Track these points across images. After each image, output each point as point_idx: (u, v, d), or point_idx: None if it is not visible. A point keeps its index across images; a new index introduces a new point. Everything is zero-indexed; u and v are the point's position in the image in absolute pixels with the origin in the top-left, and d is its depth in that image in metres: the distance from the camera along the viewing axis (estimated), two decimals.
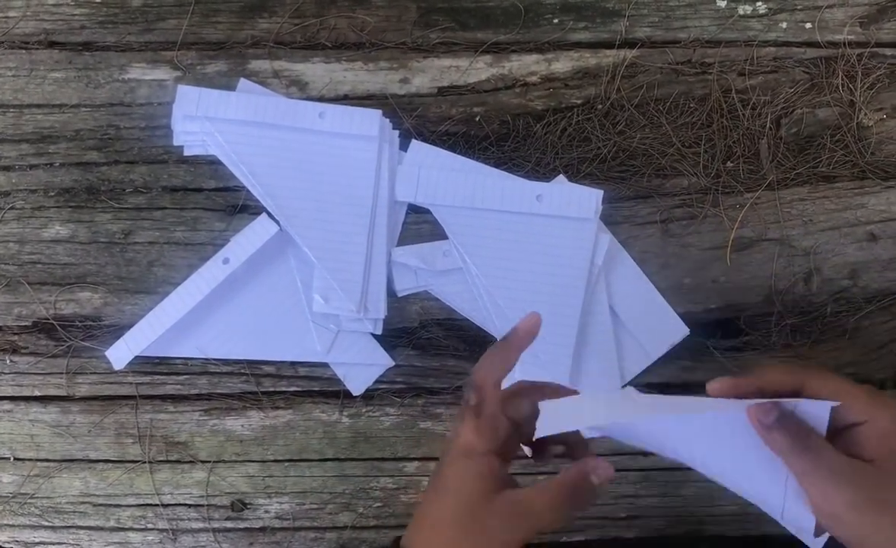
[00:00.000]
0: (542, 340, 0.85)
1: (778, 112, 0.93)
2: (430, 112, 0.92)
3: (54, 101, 0.92)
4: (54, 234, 0.90)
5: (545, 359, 0.86)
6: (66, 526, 0.90)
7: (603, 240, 0.89)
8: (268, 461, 0.90)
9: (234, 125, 0.88)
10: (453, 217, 0.90)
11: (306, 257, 0.88)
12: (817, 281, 0.91)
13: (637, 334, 0.89)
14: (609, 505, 0.90)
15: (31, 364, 0.89)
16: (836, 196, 0.92)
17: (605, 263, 0.89)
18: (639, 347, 0.89)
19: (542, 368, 0.86)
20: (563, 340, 0.87)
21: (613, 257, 0.90)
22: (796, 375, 0.59)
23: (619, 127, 0.92)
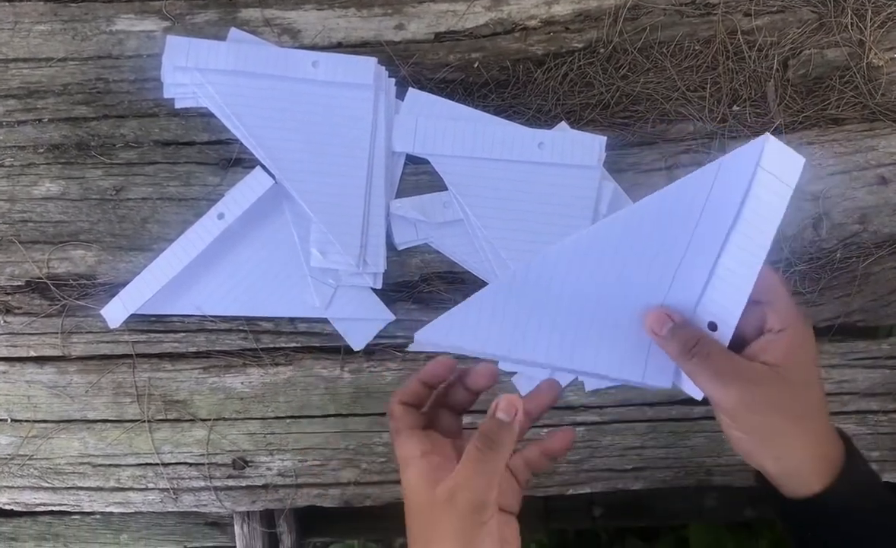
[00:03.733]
0: None
1: (785, 53, 0.90)
2: (426, 59, 0.90)
3: (40, 54, 0.89)
4: (45, 191, 0.88)
5: None
6: (66, 487, 0.89)
7: (607, 188, 0.87)
8: (269, 418, 0.89)
9: (226, 76, 0.86)
10: (453, 167, 0.88)
11: (303, 211, 0.86)
12: (826, 226, 0.89)
13: None
14: (615, 457, 0.89)
15: (26, 324, 0.88)
16: (846, 139, 0.90)
17: (610, 211, 0.87)
18: None
19: None
20: None
21: (618, 206, 0.88)
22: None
23: (622, 71, 0.90)
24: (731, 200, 0.58)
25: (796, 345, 0.59)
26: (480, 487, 0.56)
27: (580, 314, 0.60)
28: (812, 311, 0.89)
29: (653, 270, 0.60)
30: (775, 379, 0.58)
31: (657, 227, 0.59)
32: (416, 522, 0.60)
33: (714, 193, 0.58)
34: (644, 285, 0.60)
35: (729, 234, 0.59)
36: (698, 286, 0.60)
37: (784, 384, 0.58)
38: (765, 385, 0.58)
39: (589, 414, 0.89)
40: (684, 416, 0.89)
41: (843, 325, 0.89)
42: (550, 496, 0.91)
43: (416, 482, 0.59)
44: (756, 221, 0.58)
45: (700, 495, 1.16)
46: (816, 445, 0.60)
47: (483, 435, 0.57)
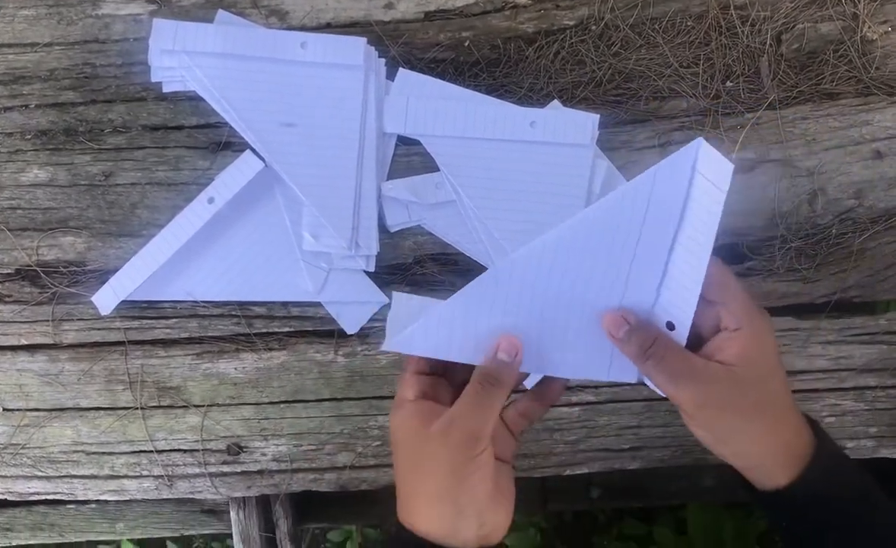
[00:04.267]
0: None
1: (778, 28, 0.90)
2: (416, 38, 0.89)
3: (25, 39, 0.88)
4: (33, 178, 0.87)
5: None
6: (59, 476, 0.89)
7: (600, 166, 0.87)
8: (263, 404, 0.89)
9: (214, 59, 0.85)
10: (444, 148, 0.87)
11: (294, 194, 0.85)
12: (822, 202, 0.89)
13: None
14: (612, 437, 0.89)
15: (16, 312, 0.87)
16: (840, 113, 0.89)
17: (603, 190, 0.87)
18: None
19: None
20: None
21: (611, 184, 0.87)
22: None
23: (615, 49, 0.89)
24: (673, 202, 0.59)
25: (751, 343, 0.59)
26: (478, 419, 0.58)
27: (542, 320, 0.61)
28: (808, 287, 0.88)
29: (607, 274, 0.61)
30: (730, 377, 0.58)
31: (605, 232, 0.59)
32: (405, 454, 0.61)
33: (655, 197, 0.59)
34: (601, 288, 0.61)
35: (676, 235, 0.59)
36: (653, 286, 0.61)
37: (738, 382, 0.58)
38: (719, 384, 0.58)
39: (585, 394, 0.88)
40: None
41: (840, 301, 0.88)
42: (547, 478, 0.91)
43: (405, 420, 0.60)
44: (698, 223, 0.58)
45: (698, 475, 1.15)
46: (777, 439, 0.60)
47: (484, 373, 0.59)
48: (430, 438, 0.59)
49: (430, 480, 0.59)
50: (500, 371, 0.59)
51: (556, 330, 0.62)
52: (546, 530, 1.58)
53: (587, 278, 0.61)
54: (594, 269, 0.60)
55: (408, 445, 0.61)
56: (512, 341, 0.60)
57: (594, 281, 0.61)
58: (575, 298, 0.61)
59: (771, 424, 0.60)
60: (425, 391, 0.61)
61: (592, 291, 0.61)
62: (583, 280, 0.61)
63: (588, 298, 0.61)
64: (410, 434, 0.60)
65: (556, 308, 0.61)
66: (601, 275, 0.61)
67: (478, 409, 0.58)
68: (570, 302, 0.61)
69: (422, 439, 0.59)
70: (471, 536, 0.58)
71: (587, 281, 0.61)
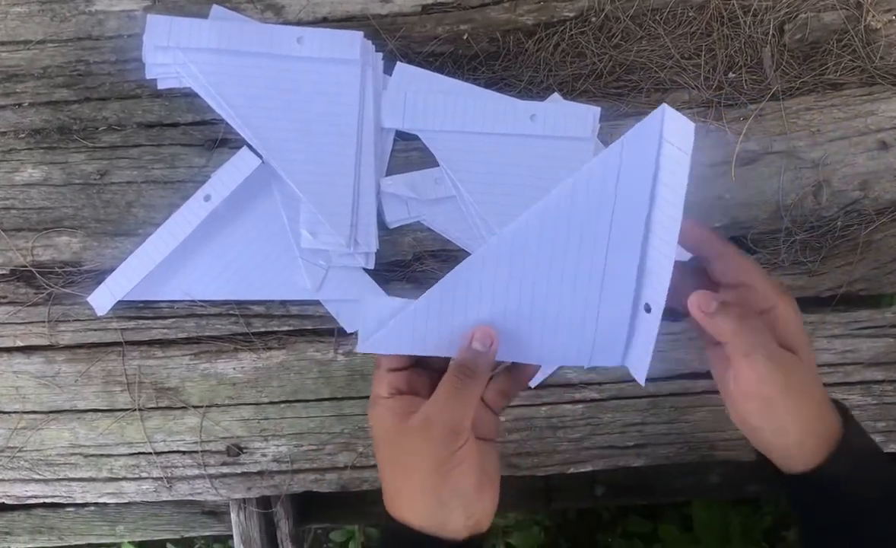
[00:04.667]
0: None
1: (781, 18, 0.88)
2: (414, 32, 0.88)
3: (18, 37, 0.87)
4: (27, 177, 0.86)
5: None
6: (57, 479, 0.88)
7: None
8: (262, 404, 0.88)
9: (209, 55, 0.83)
10: (444, 142, 0.86)
11: (291, 191, 0.84)
12: (826, 194, 0.88)
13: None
14: (616, 434, 0.88)
15: (11, 314, 0.86)
16: (845, 104, 0.88)
17: None
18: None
19: None
20: None
21: None
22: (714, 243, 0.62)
23: (615, 40, 0.88)
24: (643, 177, 0.57)
25: (790, 320, 0.60)
26: (456, 412, 0.58)
27: (519, 308, 0.60)
28: (814, 280, 0.87)
29: (583, 255, 0.59)
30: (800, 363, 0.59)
31: (576, 213, 0.58)
32: (386, 450, 0.61)
33: (624, 172, 0.57)
34: (578, 272, 0.60)
35: (650, 212, 0.58)
36: (632, 266, 0.60)
37: (798, 360, 0.59)
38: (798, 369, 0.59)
39: (588, 391, 0.87)
40: (686, 390, 0.87)
41: (846, 294, 0.88)
42: (551, 475, 0.90)
43: (382, 417, 0.60)
44: (668, 194, 0.57)
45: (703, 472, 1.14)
46: (810, 418, 0.60)
47: (460, 365, 0.59)
48: (408, 432, 0.58)
49: (414, 475, 0.58)
50: (475, 361, 0.59)
51: (533, 318, 0.61)
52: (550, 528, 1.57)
53: (563, 262, 0.59)
54: (569, 251, 0.59)
55: (387, 441, 0.60)
56: (486, 331, 0.59)
57: (570, 265, 0.59)
58: (552, 284, 0.60)
59: (806, 402, 0.60)
60: (399, 387, 0.61)
61: (569, 275, 0.60)
62: (558, 265, 0.59)
63: (565, 283, 0.60)
64: (388, 431, 0.60)
65: (533, 295, 0.60)
66: (577, 257, 0.59)
67: (456, 402, 0.58)
68: (546, 288, 0.60)
69: (400, 435, 0.59)
70: (459, 527, 0.58)
71: (563, 265, 0.59)
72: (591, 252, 0.59)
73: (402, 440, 0.59)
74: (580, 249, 0.59)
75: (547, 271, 0.59)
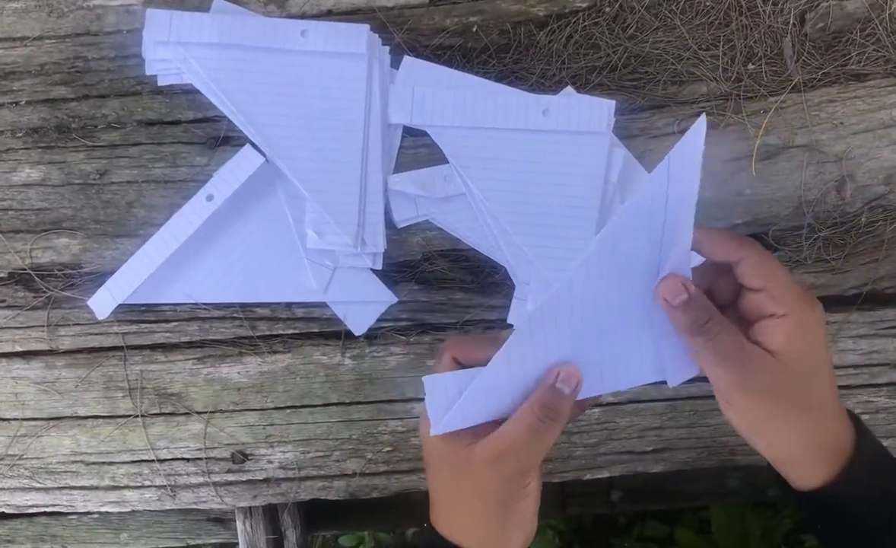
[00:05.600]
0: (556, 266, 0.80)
1: (802, 6, 0.85)
2: (422, 24, 0.85)
3: (15, 34, 0.85)
4: (25, 177, 0.84)
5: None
6: (58, 487, 0.86)
7: (617, 155, 0.83)
8: (268, 409, 0.86)
9: (210, 50, 0.81)
10: (453, 138, 0.84)
11: (296, 190, 0.82)
12: (850, 189, 0.85)
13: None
14: (633, 439, 0.85)
15: (10, 318, 0.84)
16: (869, 95, 0.85)
17: (621, 180, 0.83)
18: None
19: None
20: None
21: (629, 174, 0.84)
22: (738, 248, 0.58)
23: (630, 31, 0.85)
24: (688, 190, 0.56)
25: (797, 332, 0.56)
26: (533, 454, 0.58)
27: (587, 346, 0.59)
28: (837, 278, 0.85)
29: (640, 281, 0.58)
30: (774, 366, 0.56)
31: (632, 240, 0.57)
32: (445, 474, 0.61)
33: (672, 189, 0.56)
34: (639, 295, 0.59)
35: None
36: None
37: (782, 372, 0.56)
38: (764, 371, 0.56)
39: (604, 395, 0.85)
40: (705, 393, 0.84)
41: (871, 292, 0.85)
42: (567, 481, 0.87)
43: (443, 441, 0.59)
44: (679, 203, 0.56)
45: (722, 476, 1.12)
46: (815, 436, 0.58)
47: (543, 406, 0.57)
48: (475, 462, 0.58)
49: (477, 503, 0.59)
50: (560, 403, 0.57)
51: (603, 350, 0.59)
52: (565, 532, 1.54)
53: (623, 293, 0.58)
54: (628, 278, 0.58)
55: (448, 465, 0.60)
56: (571, 371, 0.57)
57: (630, 292, 0.58)
58: (615, 315, 0.58)
59: (812, 420, 0.58)
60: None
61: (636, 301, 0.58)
62: (617, 295, 0.58)
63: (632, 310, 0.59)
64: (450, 454, 0.59)
65: (600, 330, 0.59)
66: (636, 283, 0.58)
67: (533, 443, 0.57)
68: (611, 320, 0.59)
69: (464, 462, 0.58)
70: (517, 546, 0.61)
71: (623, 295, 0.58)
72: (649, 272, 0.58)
73: (467, 468, 0.58)
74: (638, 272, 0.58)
75: (607, 305, 0.58)
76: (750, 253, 0.58)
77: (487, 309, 0.85)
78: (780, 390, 0.56)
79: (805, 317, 0.56)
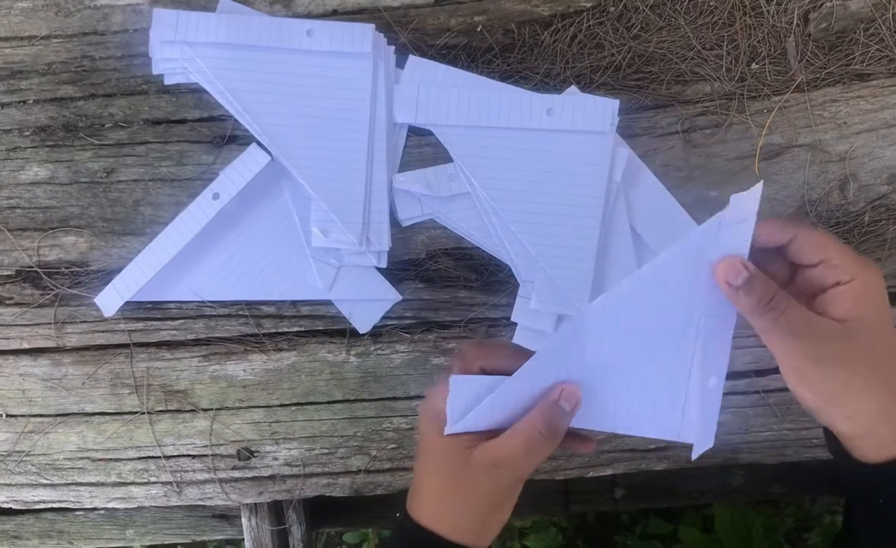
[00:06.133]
0: (560, 264, 0.81)
1: (805, 6, 0.85)
2: (427, 24, 0.85)
3: (22, 33, 0.85)
4: (32, 176, 0.85)
5: (563, 285, 0.81)
6: (65, 483, 0.87)
7: (621, 154, 0.83)
8: (273, 406, 0.86)
9: (217, 49, 0.81)
10: (458, 138, 0.84)
11: (302, 189, 0.82)
12: (853, 188, 0.85)
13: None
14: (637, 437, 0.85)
15: (17, 315, 0.85)
16: (872, 95, 0.85)
17: (624, 179, 0.83)
18: None
19: (560, 296, 0.81)
20: (581, 264, 0.82)
21: (633, 172, 0.84)
22: (787, 229, 0.59)
23: (634, 31, 0.85)
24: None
25: (864, 296, 0.56)
26: (529, 467, 0.60)
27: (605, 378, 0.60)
28: None
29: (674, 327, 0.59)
30: (844, 334, 0.56)
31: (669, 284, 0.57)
32: (438, 471, 0.62)
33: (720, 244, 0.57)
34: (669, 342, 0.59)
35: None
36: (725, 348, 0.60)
37: (853, 339, 0.56)
38: (833, 341, 0.56)
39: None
40: None
41: None
42: (570, 479, 0.87)
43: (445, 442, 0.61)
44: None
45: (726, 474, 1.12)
46: (893, 403, 0.57)
47: (545, 422, 0.59)
48: (472, 467, 0.60)
49: (467, 503, 0.61)
50: (559, 421, 0.59)
51: (620, 387, 0.60)
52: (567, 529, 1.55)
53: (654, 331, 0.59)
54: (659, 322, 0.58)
55: (445, 465, 0.62)
56: (573, 390, 0.59)
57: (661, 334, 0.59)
58: (640, 353, 0.59)
59: (885, 384, 0.57)
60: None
61: (660, 345, 0.59)
62: (649, 333, 0.59)
63: (656, 353, 0.59)
64: (448, 454, 0.61)
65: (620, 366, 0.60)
66: (669, 327, 0.58)
67: (531, 457, 0.59)
68: (634, 358, 0.59)
69: (462, 465, 0.60)
70: (490, 538, 0.64)
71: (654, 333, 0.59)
72: (683, 326, 0.58)
73: (463, 471, 0.60)
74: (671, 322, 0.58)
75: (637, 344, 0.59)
76: (801, 230, 0.58)
77: (491, 307, 0.85)
78: (854, 357, 0.56)
79: (868, 280, 0.56)
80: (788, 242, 0.59)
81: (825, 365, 0.56)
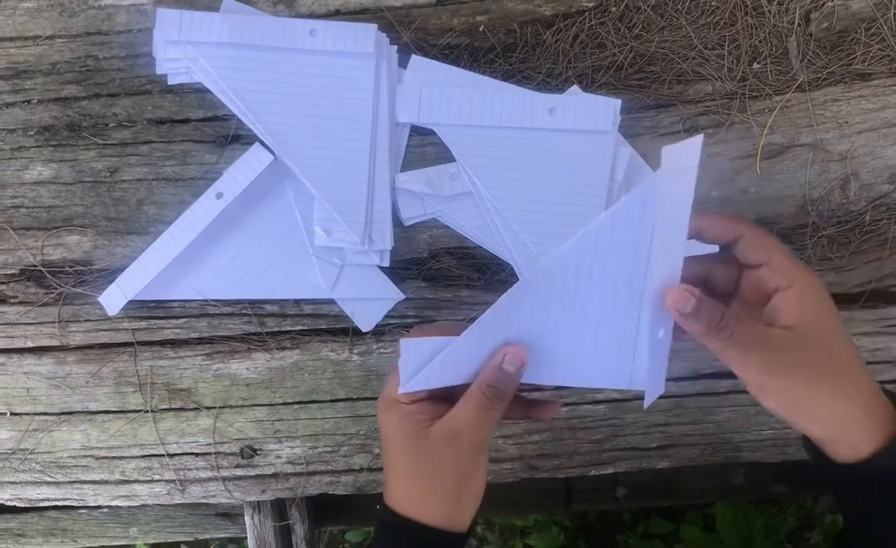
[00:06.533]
0: None
1: (807, 6, 0.86)
2: (429, 24, 0.86)
3: (27, 33, 0.85)
4: (36, 175, 0.85)
5: None
6: (69, 481, 0.87)
7: (623, 153, 0.83)
8: (276, 405, 0.86)
9: (220, 49, 0.82)
10: (460, 137, 0.84)
11: (304, 188, 0.83)
12: (855, 187, 0.85)
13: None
14: (639, 435, 0.86)
15: (22, 314, 0.85)
16: (873, 94, 0.85)
17: (626, 178, 0.83)
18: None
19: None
20: None
21: (635, 172, 0.84)
22: (736, 226, 0.60)
23: (636, 30, 0.86)
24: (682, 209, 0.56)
25: (807, 299, 0.57)
26: (485, 430, 0.62)
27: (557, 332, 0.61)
28: (842, 276, 0.85)
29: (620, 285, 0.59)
30: (796, 342, 0.56)
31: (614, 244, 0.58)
32: (402, 455, 0.63)
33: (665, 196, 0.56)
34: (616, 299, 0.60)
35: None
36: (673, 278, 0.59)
37: (807, 347, 0.57)
38: (787, 350, 0.56)
39: (610, 391, 0.85)
40: (710, 390, 0.85)
41: (875, 290, 0.85)
42: (571, 477, 0.88)
43: (401, 422, 0.63)
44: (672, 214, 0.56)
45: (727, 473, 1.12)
46: (858, 401, 0.58)
47: (490, 385, 0.60)
48: (432, 442, 0.62)
49: (437, 480, 0.62)
50: (505, 382, 0.60)
51: (574, 342, 0.61)
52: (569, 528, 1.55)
53: (602, 286, 0.59)
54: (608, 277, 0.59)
55: (405, 446, 0.63)
56: (517, 351, 0.60)
57: (609, 289, 0.59)
58: (589, 308, 0.60)
59: (849, 385, 0.58)
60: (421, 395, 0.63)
61: (609, 300, 0.60)
62: (597, 288, 0.59)
63: (605, 309, 0.60)
64: (408, 435, 0.63)
65: (570, 322, 0.60)
66: (616, 282, 0.59)
67: (485, 420, 0.61)
68: (589, 315, 0.60)
69: (422, 442, 0.62)
70: (468, 519, 0.64)
71: (602, 289, 0.59)
72: (630, 280, 0.59)
73: (425, 448, 0.62)
74: (618, 277, 0.59)
75: (585, 299, 0.59)
76: (746, 230, 0.59)
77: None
78: (808, 362, 0.56)
79: (808, 283, 0.57)
80: (735, 239, 0.60)
81: (783, 376, 0.57)
